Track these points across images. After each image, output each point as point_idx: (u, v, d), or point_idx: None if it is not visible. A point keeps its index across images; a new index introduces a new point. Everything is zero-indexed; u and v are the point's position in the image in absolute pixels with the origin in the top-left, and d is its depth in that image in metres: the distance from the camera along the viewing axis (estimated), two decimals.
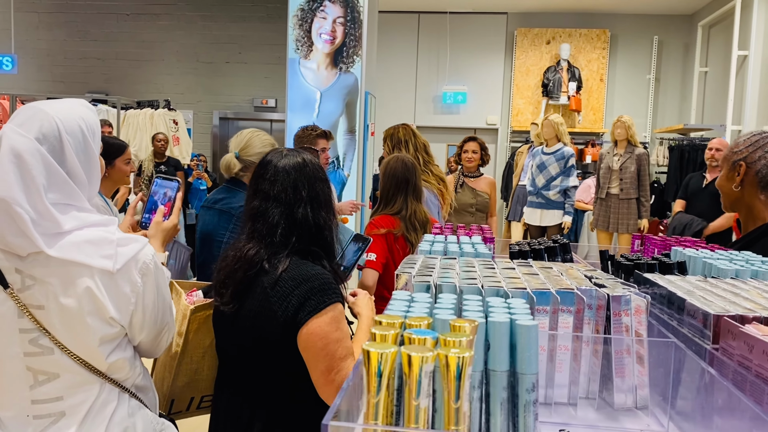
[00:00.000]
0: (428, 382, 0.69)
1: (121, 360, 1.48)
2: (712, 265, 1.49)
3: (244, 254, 1.70)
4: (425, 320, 0.83)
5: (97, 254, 1.38)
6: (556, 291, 1.11)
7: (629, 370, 1.13)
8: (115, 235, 1.43)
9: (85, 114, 1.46)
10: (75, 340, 1.41)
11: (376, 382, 0.70)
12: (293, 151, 1.83)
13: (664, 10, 9.21)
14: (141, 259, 1.45)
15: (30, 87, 9.60)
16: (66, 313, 1.38)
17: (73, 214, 1.39)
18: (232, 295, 1.69)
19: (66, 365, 1.42)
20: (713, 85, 8.33)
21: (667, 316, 1.21)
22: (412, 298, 1.02)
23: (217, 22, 9.62)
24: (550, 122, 6.25)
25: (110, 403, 1.47)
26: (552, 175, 6.20)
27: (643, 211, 6.33)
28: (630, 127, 6.26)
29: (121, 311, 1.43)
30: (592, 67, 9.47)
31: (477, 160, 5.01)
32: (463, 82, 9.86)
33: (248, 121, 9.92)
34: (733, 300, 1.12)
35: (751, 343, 0.88)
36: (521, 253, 1.62)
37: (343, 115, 7.10)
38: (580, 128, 9.43)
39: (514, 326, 0.89)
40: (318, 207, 1.76)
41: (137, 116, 8.16)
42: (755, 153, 1.99)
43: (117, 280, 1.41)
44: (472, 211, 4.98)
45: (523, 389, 0.88)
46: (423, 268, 1.28)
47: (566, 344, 1.11)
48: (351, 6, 7.04)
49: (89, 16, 9.78)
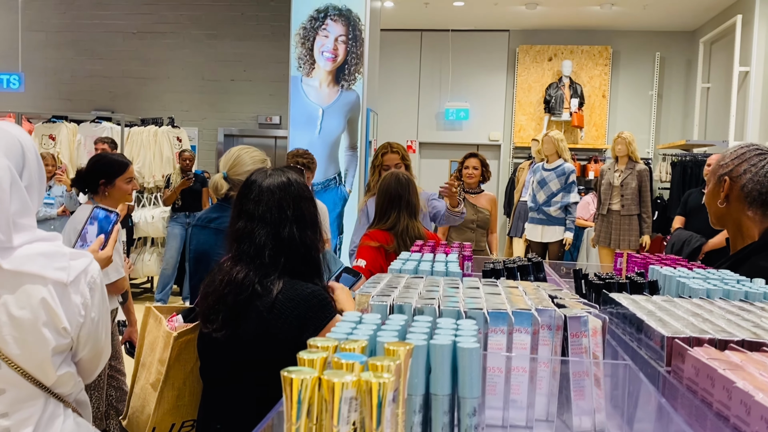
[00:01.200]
0: (348, 408, 0.68)
1: (68, 374, 1.49)
2: (685, 284, 1.47)
3: (233, 278, 1.67)
4: (361, 343, 0.82)
5: (51, 266, 1.41)
6: (512, 311, 1.10)
7: (588, 392, 1.11)
8: (66, 249, 1.46)
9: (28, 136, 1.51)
10: (27, 352, 1.41)
11: (296, 409, 0.69)
12: (278, 171, 1.81)
13: (665, 26, 9.21)
14: (89, 273, 1.49)
15: (36, 105, 9.69)
16: (19, 324, 1.39)
17: (24, 229, 1.41)
18: (224, 321, 1.67)
19: (12, 380, 1.41)
20: (715, 100, 8.31)
21: (628, 338, 1.19)
22: (361, 319, 1.01)
23: (223, 41, 9.70)
24: (550, 138, 6.24)
25: (57, 417, 1.48)
26: (553, 191, 6.18)
27: (644, 227, 6.30)
28: (631, 143, 6.25)
29: (71, 323, 1.45)
30: (594, 83, 9.47)
31: (478, 176, 5.02)
32: (465, 99, 9.89)
33: (253, 138, 9.97)
34: (692, 321, 1.10)
35: (697, 366, 0.86)
36: (494, 272, 1.61)
37: (345, 131, 7.13)
38: (583, 144, 9.42)
39: (455, 349, 0.87)
40: (304, 226, 1.75)
41: (141, 134, 8.21)
42: (740, 167, 1.84)
43: (69, 291, 1.43)
44: (473, 227, 4.97)
45: (465, 414, 0.87)
46: (385, 288, 1.27)
47: (522, 365, 1.10)
48: (353, 24, 7.09)
49: (96, 34, 9.89)
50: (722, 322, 1.10)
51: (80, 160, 7.92)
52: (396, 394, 0.74)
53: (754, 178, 1.82)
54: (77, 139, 7.94)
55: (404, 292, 1.23)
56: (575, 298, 1.25)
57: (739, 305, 1.26)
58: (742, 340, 0.96)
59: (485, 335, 1.09)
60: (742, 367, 0.81)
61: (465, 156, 5.16)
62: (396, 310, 1.12)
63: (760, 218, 1.84)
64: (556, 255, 6.25)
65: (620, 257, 2.15)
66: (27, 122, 8.31)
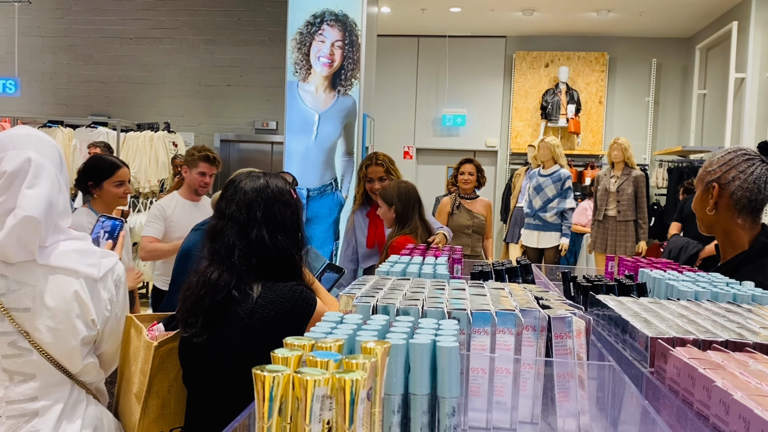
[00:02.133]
0: (320, 406, 0.67)
1: (92, 364, 1.63)
2: (673, 287, 1.47)
3: (208, 278, 1.67)
4: (338, 342, 0.81)
5: (83, 262, 1.55)
6: (495, 312, 1.09)
7: (573, 393, 1.10)
8: (96, 248, 1.61)
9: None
10: (58, 340, 1.53)
11: (268, 407, 0.68)
12: (259, 174, 1.80)
13: (662, 33, 9.24)
14: (116, 271, 1.63)
15: (33, 110, 9.68)
16: (53, 315, 1.51)
17: (61, 232, 1.56)
18: (203, 324, 1.66)
19: (42, 366, 1.54)
20: (711, 107, 8.32)
21: (614, 339, 1.18)
22: (342, 319, 1.00)
23: (219, 46, 9.71)
24: (546, 144, 6.24)
25: (81, 403, 1.61)
26: (549, 197, 6.18)
27: (641, 233, 6.29)
28: (626, 149, 6.25)
29: (99, 316, 1.59)
30: (590, 89, 9.48)
31: (473, 182, 5.03)
32: (462, 105, 9.89)
33: (249, 143, 9.96)
34: (677, 322, 1.09)
35: (678, 366, 0.85)
36: (482, 274, 1.60)
37: (342, 137, 7.12)
38: (580, 150, 9.42)
39: (435, 348, 0.87)
40: (275, 230, 1.71)
41: (137, 138, 8.20)
42: (729, 173, 1.79)
43: (98, 287, 1.57)
44: (468, 232, 4.97)
45: (444, 414, 0.86)
46: (370, 289, 1.26)
47: (506, 366, 1.09)
48: (349, 30, 7.09)
49: (93, 40, 9.89)
50: (708, 323, 1.09)
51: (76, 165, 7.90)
52: (371, 392, 0.73)
53: (743, 185, 1.77)
54: (73, 144, 7.94)
55: (389, 293, 1.22)
56: (561, 300, 1.24)
57: (726, 307, 1.25)
58: (726, 341, 0.95)
59: (468, 336, 1.08)
60: (723, 367, 0.80)
61: (460, 162, 5.17)
62: (380, 311, 1.11)
63: (750, 225, 1.81)
64: (552, 261, 6.25)
65: (612, 261, 2.14)
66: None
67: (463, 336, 1.06)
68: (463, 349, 1.05)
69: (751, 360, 0.85)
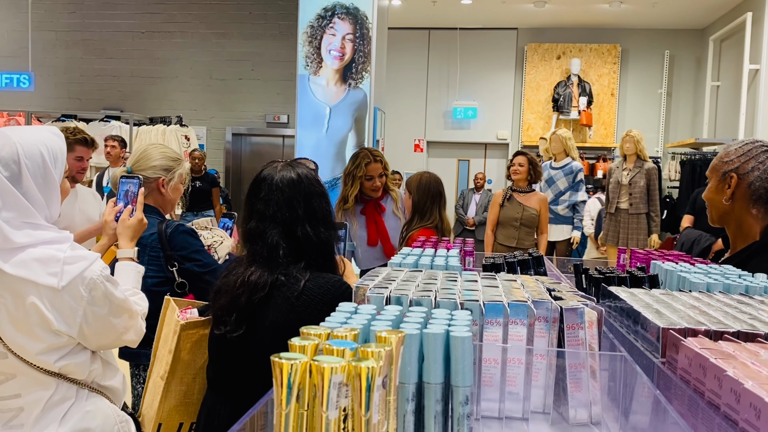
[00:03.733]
0: (337, 393, 0.69)
1: (72, 365, 1.56)
2: (685, 279, 1.47)
3: (247, 279, 1.65)
4: (353, 331, 0.83)
5: (43, 272, 1.47)
6: (508, 303, 1.10)
7: (585, 384, 1.11)
8: (64, 253, 1.50)
9: (48, 140, 1.56)
10: (23, 346, 1.50)
11: (286, 394, 0.69)
12: (287, 166, 1.77)
13: (675, 24, 9.16)
14: (87, 276, 1.52)
15: (46, 104, 9.76)
16: (15, 322, 1.48)
17: (27, 232, 1.48)
18: (238, 321, 1.65)
19: (19, 367, 1.52)
20: (725, 99, 8.25)
21: (626, 330, 1.19)
22: (356, 309, 1.02)
23: (231, 40, 9.73)
24: (558, 137, 6.22)
25: (67, 400, 1.56)
26: (560, 190, 6.16)
27: (653, 226, 6.26)
28: (639, 141, 6.21)
29: (68, 324, 1.51)
30: (603, 81, 9.43)
31: (523, 173, 5.01)
32: (473, 98, 9.87)
33: (261, 137, 10.00)
34: (689, 313, 1.10)
35: (690, 356, 0.86)
36: (494, 266, 1.61)
37: (353, 130, 7.13)
38: (592, 143, 9.38)
39: (448, 338, 0.88)
40: (316, 223, 1.71)
41: (149, 132, 8.26)
42: (747, 164, 1.82)
43: (62, 295, 1.49)
44: (516, 225, 4.97)
45: (457, 402, 0.87)
46: (383, 281, 1.28)
47: (518, 357, 1.10)
48: (360, 23, 7.08)
49: (105, 34, 9.95)
50: (719, 314, 1.10)
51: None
52: (386, 380, 0.74)
53: (762, 176, 1.79)
54: None
55: (402, 284, 1.24)
56: (573, 291, 1.25)
57: (738, 299, 1.25)
58: (737, 332, 0.95)
59: (481, 327, 1.09)
60: (734, 357, 0.81)
61: (514, 154, 5.19)
62: (393, 302, 1.12)
63: (763, 216, 1.82)
64: (563, 254, 6.23)
65: (623, 253, 2.15)
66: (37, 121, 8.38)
67: (475, 327, 1.07)
68: (475, 340, 1.06)
69: (762, 350, 0.86)
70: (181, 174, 2.44)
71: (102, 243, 2.03)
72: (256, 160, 9.93)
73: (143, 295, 1.81)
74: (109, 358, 1.73)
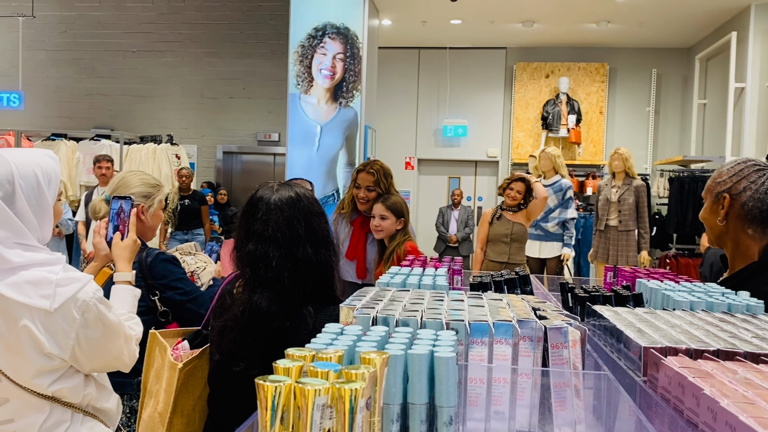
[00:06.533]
0: (321, 415, 0.70)
1: (65, 389, 1.54)
2: (669, 297, 1.49)
3: (255, 306, 1.58)
4: (338, 353, 0.84)
5: (36, 294, 1.45)
6: (493, 323, 1.11)
7: (569, 403, 1.12)
8: (57, 275, 1.48)
9: (43, 162, 1.56)
10: (15, 369, 1.49)
11: (270, 416, 0.70)
12: (284, 186, 1.72)
13: (661, 43, 9.29)
14: (80, 297, 1.50)
15: (36, 123, 9.75)
16: (7, 345, 1.47)
17: (18, 252, 1.47)
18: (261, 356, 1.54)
19: (13, 391, 1.50)
20: (712, 117, 8.36)
21: (609, 349, 1.21)
22: (342, 330, 1.03)
23: (222, 59, 9.78)
24: (547, 154, 6.27)
25: (63, 423, 1.54)
26: (550, 207, 6.20)
27: (642, 243, 6.30)
28: (627, 159, 6.27)
29: (61, 346, 1.49)
30: (591, 100, 9.53)
31: (520, 199, 5.08)
32: (463, 116, 9.94)
33: (252, 155, 10.02)
34: (670, 332, 1.11)
35: (669, 375, 0.87)
36: (481, 285, 1.62)
37: (343, 148, 7.17)
38: (581, 160, 9.46)
39: (432, 358, 0.89)
40: (317, 244, 1.66)
41: (140, 151, 8.26)
42: (740, 183, 1.80)
43: (55, 318, 1.47)
44: (507, 240, 5.03)
45: (442, 423, 0.88)
46: (370, 301, 1.29)
47: (503, 376, 1.11)
48: (350, 42, 7.15)
49: (96, 53, 9.97)
50: (701, 332, 1.11)
51: (79, 178, 7.96)
52: (370, 401, 0.75)
53: (755, 196, 1.78)
54: (76, 157, 7.99)
55: (389, 304, 1.25)
56: (557, 310, 1.26)
57: (720, 317, 1.27)
58: (717, 350, 0.97)
59: (466, 346, 1.10)
60: (712, 375, 0.83)
61: (513, 179, 5.18)
62: (380, 322, 1.14)
63: (760, 236, 1.81)
64: (554, 271, 6.26)
65: (610, 271, 2.17)
66: (27, 140, 8.36)
67: (461, 347, 1.09)
68: (461, 360, 1.07)
69: (740, 368, 0.88)
70: (161, 200, 2.39)
71: (94, 264, 2.02)
72: (247, 178, 9.94)
73: (138, 320, 1.78)
74: (104, 380, 1.70)
